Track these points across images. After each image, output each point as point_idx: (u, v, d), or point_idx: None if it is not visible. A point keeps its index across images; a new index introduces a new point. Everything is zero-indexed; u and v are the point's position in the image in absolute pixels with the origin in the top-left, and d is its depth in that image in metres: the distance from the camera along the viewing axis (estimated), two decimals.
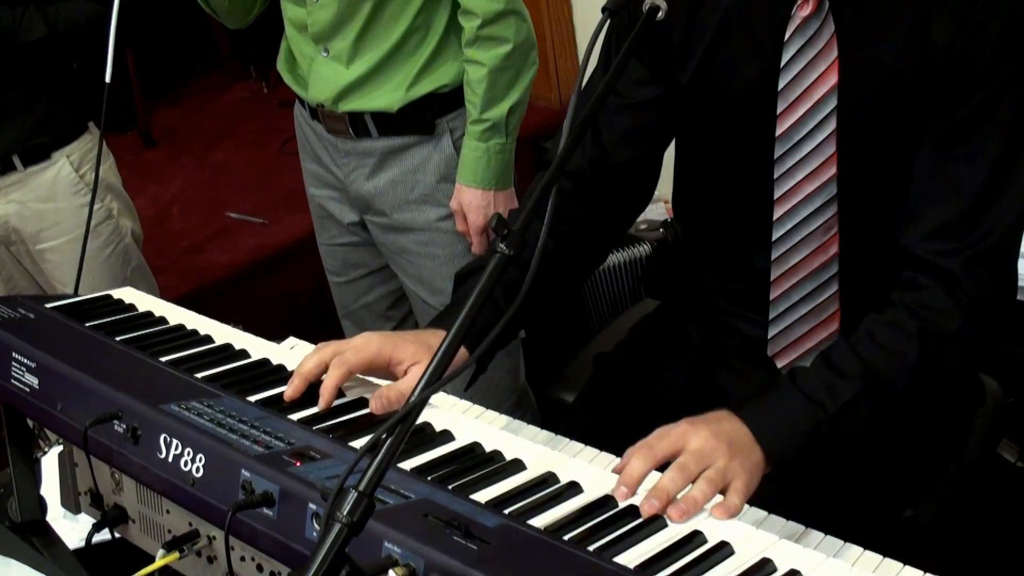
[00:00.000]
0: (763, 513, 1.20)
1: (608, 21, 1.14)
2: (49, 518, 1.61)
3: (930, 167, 1.32)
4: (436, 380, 0.96)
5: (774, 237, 1.45)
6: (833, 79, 1.34)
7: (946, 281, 1.30)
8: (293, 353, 1.53)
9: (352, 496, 0.91)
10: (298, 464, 1.16)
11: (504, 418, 1.38)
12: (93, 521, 1.45)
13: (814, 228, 1.42)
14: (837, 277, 1.45)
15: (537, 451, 1.26)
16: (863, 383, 1.28)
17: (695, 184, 1.58)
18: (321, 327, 2.37)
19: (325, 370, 1.35)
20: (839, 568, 1.05)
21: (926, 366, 1.29)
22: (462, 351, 1.38)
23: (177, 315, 1.63)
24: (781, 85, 1.37)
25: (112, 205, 2.44)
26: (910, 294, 1.33)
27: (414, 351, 1.33)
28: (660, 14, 1.17)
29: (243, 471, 1.17)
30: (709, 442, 1.19)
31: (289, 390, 1.36)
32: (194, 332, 1.57)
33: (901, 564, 1.12)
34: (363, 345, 1.36)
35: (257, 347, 1.53)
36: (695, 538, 1.09)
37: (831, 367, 1.29)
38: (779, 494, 1.44)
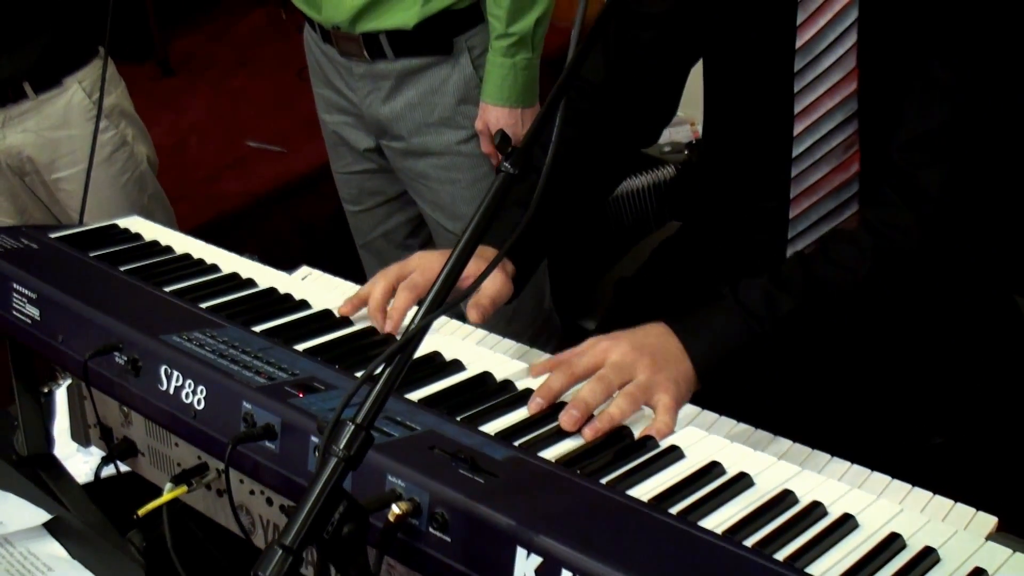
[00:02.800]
0: (787, 442, 1.16)
1: None
2: (62, 454, 1.59)
3: (923, 70, 1.25)
4: (437, 306, 0.91)
5: (794, 153, 1.40)
6: None
7: (913, 195, 1.25)
8: (304, 283, 1.49)
9: (349, 429, 0.86)
10: (301, 395, 1.12)
11: (521, 347, 1.33)
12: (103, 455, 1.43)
13: (835, 145, 1.37)
14: (857, 197, 1.40)
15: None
16: (804, 298, 1.25)
17: (721, 101, 1.53)
18: (339, 256, 2.32)
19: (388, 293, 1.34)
20: (862, 499, 1.00)
21: (877, 283, 1.25)
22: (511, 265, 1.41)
23: (185, 244, 1.59)
24: None
25: (126, 131, 2.39)
26: (874, 210, 1.29)
27: (475, 265, 1.30)
28: None
29: (244, 403, 1.13)
30: (629, 355, 1.17)
31: (345, 306, 1.35)
32: (200, 261, 1.53)
33: (930, 493, 1.07)
34: (427, 266, 1.34)
35: (265, 276, 1.49)
36: (713, 469, 1.04)
37: (775, 280, 1.26)
38: (800, 423, 1.40)
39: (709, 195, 1.62)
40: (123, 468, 1.42)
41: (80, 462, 1.66)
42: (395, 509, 0.95)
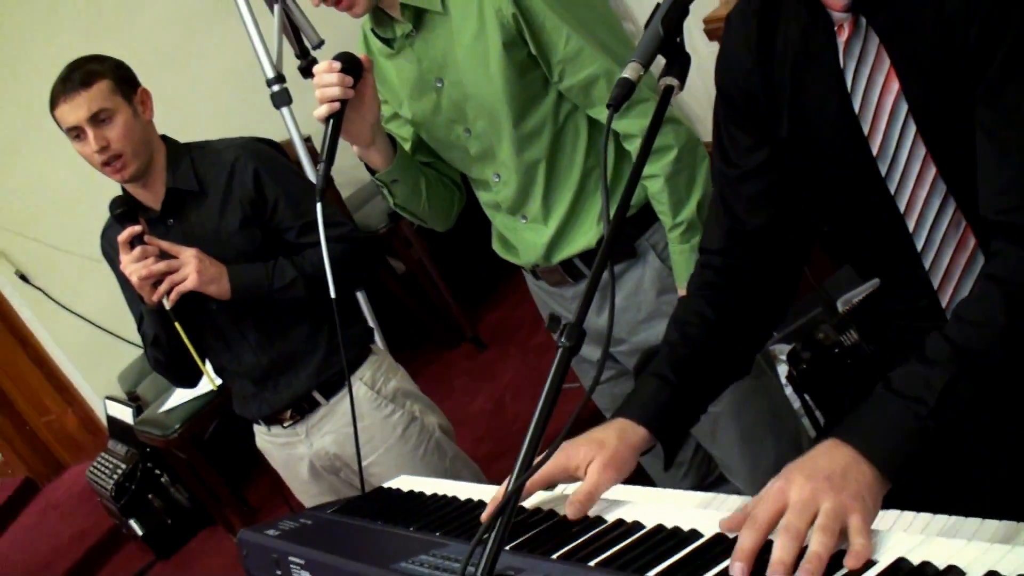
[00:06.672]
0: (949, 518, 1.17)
1: (613, 115, 1.25)
2: None
3: (983, 131, 1.28)
4: (525, 470, 1.07)
5: (919, 248, 1.44)
6: (895, 85, 1.35)
7: (1019, 238, 1.24)
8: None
9: None
10: None
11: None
12: None
13: (945, 227, 1.40)
14: None
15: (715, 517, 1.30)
16: (957, 365, 1.21)
17: (838, 227, 1.58)
18: None
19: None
20: (975, 550, 1.01)
21: (1018, 327, 1.22)
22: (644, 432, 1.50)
23: (432, 487, 1.84)
24: (856, 109, 1.39)
25: (413, 408, 2.70)
26: (991, 264, 1.28)
27: (585, 452, 1.44)
28: (676, 91, 1.26)
29: None
30: (806, 488, 1.15)
31: (484, 516, 1.51)
32: (445, 496, 1.76)
33: None
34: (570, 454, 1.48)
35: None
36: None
37: (921, 360, 1.24)
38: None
39: (877, 309, 1.65)
40: None
41: None
42: None
